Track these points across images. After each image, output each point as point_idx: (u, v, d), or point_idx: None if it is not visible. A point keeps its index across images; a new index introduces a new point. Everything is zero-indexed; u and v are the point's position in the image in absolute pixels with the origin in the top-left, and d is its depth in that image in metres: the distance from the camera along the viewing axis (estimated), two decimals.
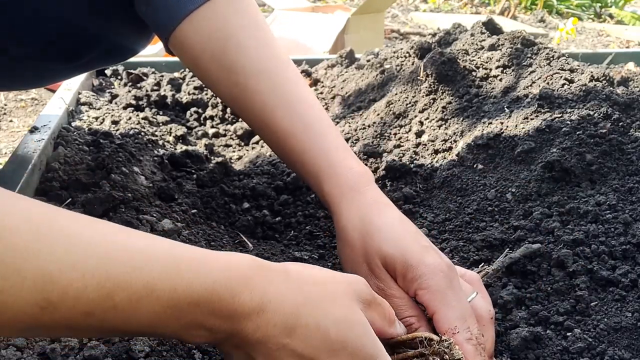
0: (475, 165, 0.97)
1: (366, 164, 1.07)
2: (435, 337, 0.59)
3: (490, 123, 1.02)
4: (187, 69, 1.55)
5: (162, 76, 1.51)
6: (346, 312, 0.52)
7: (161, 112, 1.38)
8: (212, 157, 1.20)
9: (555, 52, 1.16)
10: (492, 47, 1.25)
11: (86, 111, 1.25)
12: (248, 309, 0.48)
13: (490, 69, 1.19)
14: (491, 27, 1.35)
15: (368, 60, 1.51)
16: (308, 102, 0.75)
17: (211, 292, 0.46)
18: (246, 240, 0.96)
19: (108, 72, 1.54)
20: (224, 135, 1.39)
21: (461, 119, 1.11)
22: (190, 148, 1.20)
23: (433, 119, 1.14)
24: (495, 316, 0.67)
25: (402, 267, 0.64)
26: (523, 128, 0.96)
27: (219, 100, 1.44)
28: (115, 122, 1.20)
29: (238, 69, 0.76)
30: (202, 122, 1.41)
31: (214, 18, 0.76)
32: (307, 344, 0.49)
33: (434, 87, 1.18)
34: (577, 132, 0.91)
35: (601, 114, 0.93)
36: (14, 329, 0.42)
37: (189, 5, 0.76)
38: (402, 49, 1.40)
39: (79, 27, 0.81)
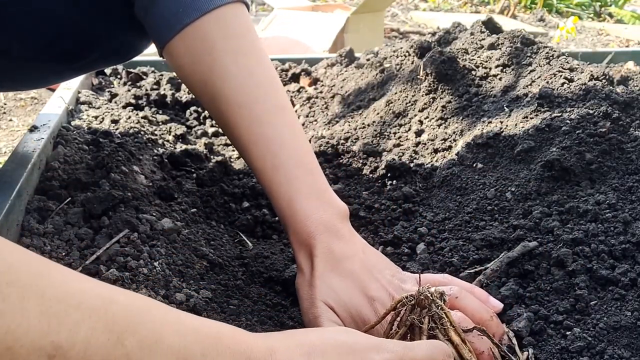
0: (474, 165, 0.97)
1: (366, 163, 1.07)
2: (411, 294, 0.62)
3: (490, 122, 1.02)
4: None
5: (162, 75, 1.51)
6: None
7: (161, 111, 1.38)
8: (212, 156, 1.20)
9: (555, 51, 1.16)
10: (492, 46, 1.25)
11: (86, 110, 1.25)
12: (262, 349, 0.48)
13: (490, 68, 1.19)
14: (491, 26, 1.35)
15: (368, 60, 1.51)
16: (282, 139, 0.75)
17: (218, 332, 0.47)
18: (246, 239, 0.96)
19: (108, 71, 1.54)
20: (224, 135, 1.39)
21: (461, 118, 1.11)
22: (189, 147, 1.20)
23: (433, 118, 1.14)
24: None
25: (350, 314, 0.69)
26: (523, 127, 0.96)
27: None
28: (114, 121, 1.20)
29: (221, 99, 0.76)
30: (201, 121, 1.41)
31: (204, 39, 0.76)
32: None
33: (433, 86, 1.18)
34: (577, 131, 0.91)
35: (601, 113, 0.93)
36: None
37: (184, 19, 0.75)
38: (401, 48, 1.40)
39: (80, 28, 0.81)
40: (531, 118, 0.97)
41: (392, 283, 0.72)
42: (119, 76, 1.53)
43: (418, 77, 1.21)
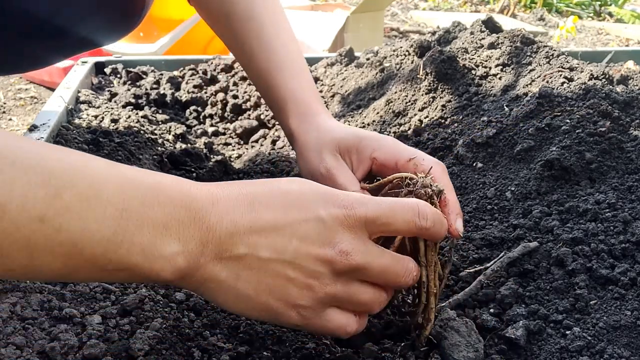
0: (474, 164, 0.97)
1: None
2: (414, 175, 0.60)
3: (490, 121, 1.02)
4: (186, 68, 1.55)
5: (162, 75, 1.51)
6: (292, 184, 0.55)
7: (160, 111, 1.39)
8: (212, 156, 1.20)
9: (554, 50, 1.16)
10: (492, 46, 1.25)
11: (85, 109, 1.25)
12: (202, 198, 0.48)
13: (490, 68, 1.19)
14: (491, 26, 1.35)
15: (367, 59, 1.51)
16: (285, 48, 0.90)
17: (159, 183, 0.47)
18: None
19: (107, 70, 1.54)
20: (224, 134, 1.39)
21: (460, 117, 1.11)
22: (189, 146, 1.21)
23: (432, 118, 1.14)
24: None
25: (356, 141, 0.77)
26: (522, 126, 0.96)
27: (218, 98, 1.45)
28: (114, 121, 1.20)
29: (234, 16, 0.90)
30: (201, 120, 1.41)
31: None
32: (269, 210, 0.51)
33: (433, 85, 1.18)
34: (577, 131, 0.91)
35: (601, 113, 0.93)
36: None
37: None
38: (401, 47, 1.40)
39: (62, 3, 0.80)
40: (531, 117, 0.97)
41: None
42: (118, 75, 1.53)
43: (418, 76, 1.21)
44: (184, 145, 1.22)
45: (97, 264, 0.44)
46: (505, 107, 1.06)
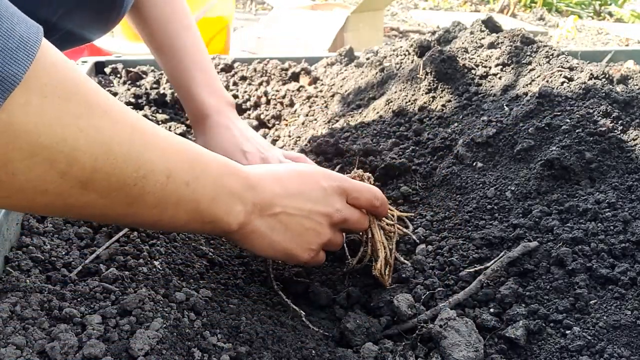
0: (474, 164, 0.97)
1: (365, 162, 1.07)
2: (363, 173, 0.84)
3: (490, 121, 1.02)
4: None
5: (162, 74, 1.51)
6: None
7: (160, 110, 1.38)
8: None
9: (554, 50, 1.16)
10: (492, 45, 1.25)
11: None
12: (253, 175, 0.68)
13: (490, 67, 1.19)
14: (491, 25, 1.35)
15: (367, 59, 1.51)
16: (186, 49, 1.06)
17: (229, 164, 0.66)
18: None
19: (107, 70, 1.54)
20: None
21: (460, 117, 1.11)
22: None
23: (432, 117, 1.14)
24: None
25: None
26: (522, 126, 0.96)
27: None
28: None
29: (143, 15, 1.05)
30: None
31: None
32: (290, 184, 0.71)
33: (433, 85, 1.18)
34: (577, 130, 0.91)
35: (600, 112, 0.93)
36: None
37: None
38: (401, 47, 1.40)
39: (41, 13, 0.80)
40: (531, 117, 0.97)
41: (262, 145, 1.05)
42: (118, 75, 1.53)
43: (418, 76, 1.21)
44: None
45: (204, 217, 0.62)
46: (505, 106, 1.06)
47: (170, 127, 1.29)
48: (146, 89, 1.44)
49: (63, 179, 0.48)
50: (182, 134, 1.27)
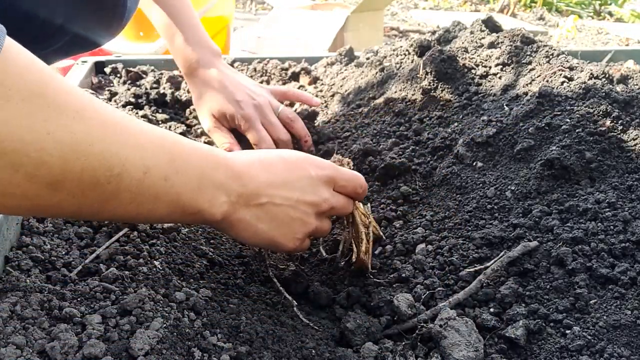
0: (474, 163, 0.97)
1: (365, 162, 1.07)
2: (342, 158, 0.86)
3: (490, 121, 1.02)
4: None
5: (162, 74, 1.51)
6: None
7: (160, 110, 1.38)
8: None
9: (554, 50, 1.16)
10: (492, 45, 1.25)
11: None
12: (239, 165, 0.68)
13: (490, 67, 1.19)
14: (491, 25, 1.35)
15: (367, 58, 1.51)
16: (177, 8, 1.18)
17: (213, 152, 0.66)
18: None
19: (107, 70, 1.54)
20: None
21: (460, 116, 1.11)
22: None
23: (432, 117, 1.14)
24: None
25: (224, 110, 1.16)
26: (522, 126, 0.96)
27: None
28: None
29: None
30: None
31: None
32: (276, 170, 0.71)
33: (433, 84, 1.18)
34: (577, 130, 0.91)
35: (600, 112, 0.93)
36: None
37: None
38: (401, 46, 1.40)
39: (47, 16, 0.80)
40: (531, 117, 0.97)
41: (253, 92, 1.18)
42: (118, 75, 1.53)
43: (418, 75, 1.21)
44: None
45: (185, 209, 0.62)
46: (505, 106, 1.06)
47: (170, 126, 1.29)
48: (146, 88, 1.44)
49: (30, 182, 0.47)
50: (183, 134, 1.27)
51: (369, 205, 0.89)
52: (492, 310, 0.75)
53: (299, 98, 1.29)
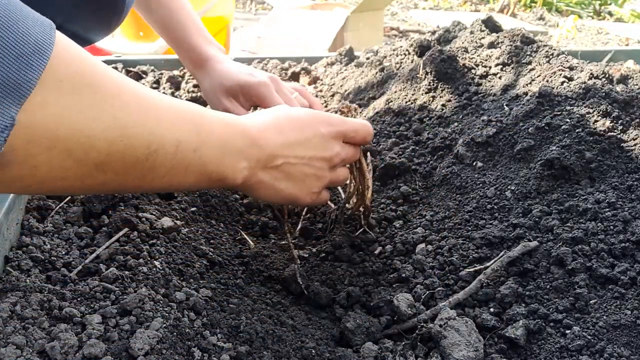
0: (474, 163, 0.97)
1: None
2: (350, 105, 0.91)
3: (490, 121, 1.02)
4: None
5: (162, 74, 1.51)
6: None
7: None
8: None
9: (554, 50, 1.16)
10: (492, 45, 1.25)
11: None
12: (254, 129, 0.71)
13: (490, 67, 1.19)
14: (490, 25, 1.35)
15: (367, 58, 1.51)
16: (181, 10, 1.21)
17: (232, 122, 0.68)
18: (247, 237, 0.96)
19: None
20: None
21: (460, 116, 1.11)
22: None
23: (432, 117, 1.14)
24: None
25: (239, 89, 1.15)
26: (522, 126, 0.96)
27: None
28: None
29: None
30: None
31: None
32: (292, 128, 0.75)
33: (433, 84, 1.18)
34: (577, 130, 0.91)
35: (600, 112, 0.93)
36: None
37: None
38: (401, 46, 1.40)
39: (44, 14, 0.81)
40: (531, 117, 0.97)
41: (263, 71, 1.20)
42: None
43: (418, 75, 1.21)
44: None
45: (211, 177, 0.65)
46: (505, 106, 1.06)
47: None
48: None
49: (80, 164, 0.51)
50: None
51: (369, 155, 0.93)
52: (492, 310, 0.75)
53: (305, 95, 1.30)
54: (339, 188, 1.03)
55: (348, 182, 0.89)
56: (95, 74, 0.52)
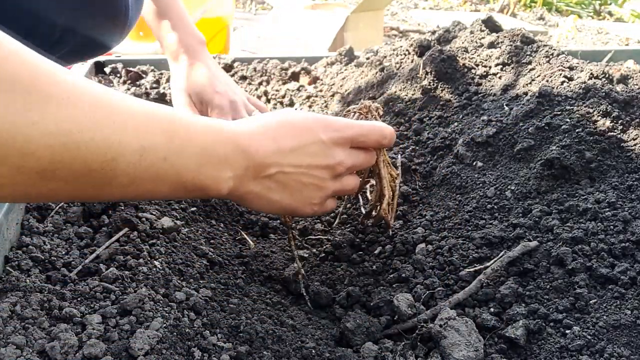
0: (474, 163, 0.97)
1: None
2: (369, 103, 0.83)
3: (490, 121, 1.02)
4: None
5: (162, 74, 1.51)
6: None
7: None
8: None
9: (554, 49, 1.16)
10: (492, 45, 1.25)
11: None
12: (244, 136, 0.65)
13: (490, 67, 1.19)
14: (490, 25, 1.35)
15: (367, 58, 1.51)
16: (167, 4, 1.22)
17: (216, 127, 0.63)
18: (247, 237, 0.96)
19: (107, 70, 1.54)
20: None
21: (460, 116, 1.11)
22: None
23: (432, 117, 1.14)
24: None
25: (199, 98, 1.19)
26: (522, 126, 0.96)
27: None
28: None
29: None
30: None
31: None
32: (288, 135, 0.69)
33: (433, 84, 1.18)
34: (577, 130, 0.91)
35: (600, 112, 0.93)
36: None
37: None
38: (401, 46, 1.40)
39: (52, 20, 0.81)
40: (531, 116, 0.97)
41: (232, 89, 1.21)
42: (118, 75, 1.53)
43: (418, 75, 1.21)
44: None
45: (187, 187, 0.60)
46: (505, 106, 1.06)
47: None
48: (146, 88, 1.44)
49: (18, 172, 0.47)
50: None
51: (399, 156, 0.87)
52: (492, 310, 0.75)
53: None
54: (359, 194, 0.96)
55: (370, 188, 0.83)
56: (37, 76, 0.47)
